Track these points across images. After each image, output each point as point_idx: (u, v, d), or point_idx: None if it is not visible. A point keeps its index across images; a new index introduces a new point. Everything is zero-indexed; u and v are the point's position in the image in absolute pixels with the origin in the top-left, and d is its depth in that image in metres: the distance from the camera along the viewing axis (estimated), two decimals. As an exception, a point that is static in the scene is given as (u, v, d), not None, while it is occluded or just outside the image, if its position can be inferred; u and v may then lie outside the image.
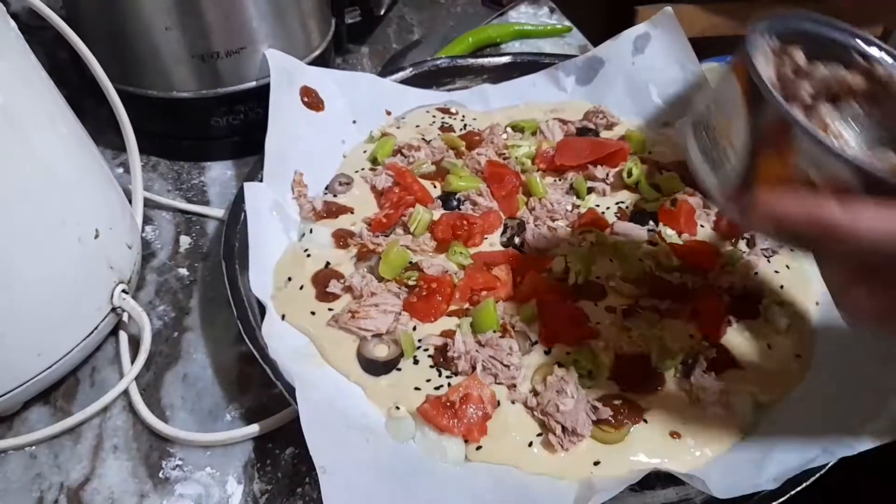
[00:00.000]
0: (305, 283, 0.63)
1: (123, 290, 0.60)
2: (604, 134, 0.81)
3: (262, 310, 0.59)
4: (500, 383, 0.56)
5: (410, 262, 0.64)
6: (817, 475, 0.47)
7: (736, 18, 1.46)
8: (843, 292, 0.42)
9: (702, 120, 0.44)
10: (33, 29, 0.57)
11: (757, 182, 0.40)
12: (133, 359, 0.60)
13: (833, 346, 0.58)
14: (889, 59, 0.44)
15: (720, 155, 0.42)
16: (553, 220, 0.70)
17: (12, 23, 0.52)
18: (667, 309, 0.61)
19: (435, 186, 0.74)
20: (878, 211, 0.35)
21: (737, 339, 0.59)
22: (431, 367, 0.57)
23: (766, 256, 0.66)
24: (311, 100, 0.76)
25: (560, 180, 0.75)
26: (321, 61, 0.84)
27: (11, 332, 0.52)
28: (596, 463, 0.51)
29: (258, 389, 0.59)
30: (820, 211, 0.36)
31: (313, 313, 0.61)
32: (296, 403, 0.50)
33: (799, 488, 0.47)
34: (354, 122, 0.80)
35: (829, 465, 0.48)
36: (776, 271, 0.65)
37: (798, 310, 0.62)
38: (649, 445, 0.52)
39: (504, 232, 0.69)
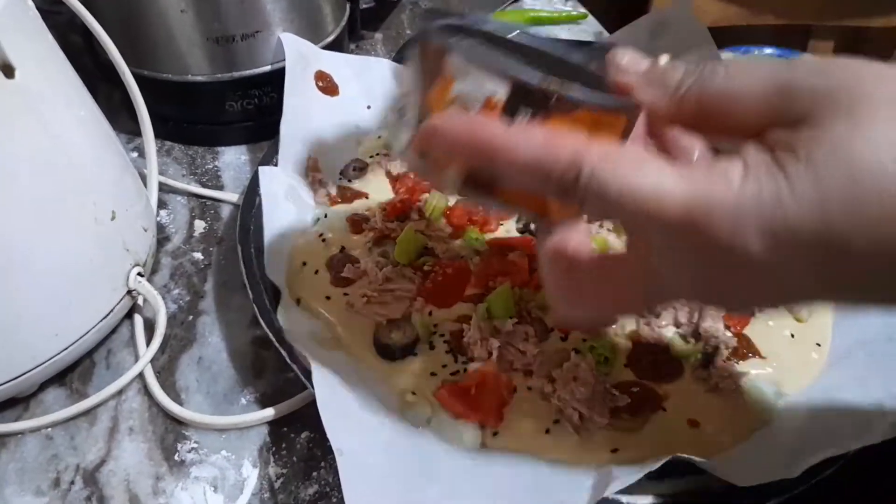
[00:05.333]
0: (320, 267, 0.63)
1: (139, 273, 0.60)
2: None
3: (277, 294, 0.59)
4: (516, 370, 0.55)
5: (426, 248, 0.64)
6: (839, 464, 0.47)
7: (749, 9, 1.44)
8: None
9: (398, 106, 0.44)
10: (46, 12, 0.57)
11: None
12: (148, 342, 0.60)
13: (852, 334, 0.57)
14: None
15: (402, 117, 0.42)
16: (569, 207, 0.69)
17: (30, 2, 0.52)
18: (685, 296, 0.60)
19: (450, 172, 0.73)
20: (531, 127, 0.36)
21: (759, 327, 0.58)
22: (447, 352, 0.57)
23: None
24: (326, 84, 0.76)
25: (576, 167, 0.74)
26: (335, 46, 0.84)
27: (28, 311, 0.52)
28: (613, 450, 0.51)
29: (273, 373, 0.59)
30: (481, 125, 0.36)
31: (328, 298, 0.60)
32: (311, 387, 0.49)
33: (820, 477, 0.46)
34: (369, 107, 0.79)
35: (852, 453, 0.47)
36: (796, 260, 0.64)
37: (818, 298, 0.61)
38: (667, 433, 0.51)
39: (520, 218, 0.69)
